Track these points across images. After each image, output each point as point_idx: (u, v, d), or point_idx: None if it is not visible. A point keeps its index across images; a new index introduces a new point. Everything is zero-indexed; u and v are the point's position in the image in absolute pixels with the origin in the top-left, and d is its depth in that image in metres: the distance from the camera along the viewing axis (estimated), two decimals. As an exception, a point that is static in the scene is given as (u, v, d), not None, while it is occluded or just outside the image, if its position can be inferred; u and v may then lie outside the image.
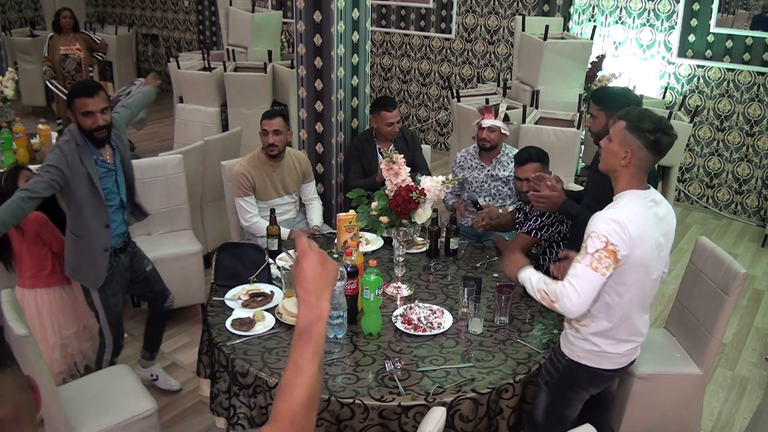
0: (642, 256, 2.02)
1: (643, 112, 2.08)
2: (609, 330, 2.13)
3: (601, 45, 6.14)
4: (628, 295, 2.08)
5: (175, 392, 3.31)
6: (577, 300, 2.00)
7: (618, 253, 1.98)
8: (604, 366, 2.19)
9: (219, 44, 8.00)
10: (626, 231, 1.97)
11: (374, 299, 2.35)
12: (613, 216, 2.00)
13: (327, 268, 1.18)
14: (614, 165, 2.08)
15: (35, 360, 2.20)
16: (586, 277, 2.00)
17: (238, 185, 3.41)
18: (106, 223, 2.74)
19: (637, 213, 2.03)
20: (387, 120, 3.70)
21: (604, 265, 1.99)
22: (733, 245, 5.35)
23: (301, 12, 3.79)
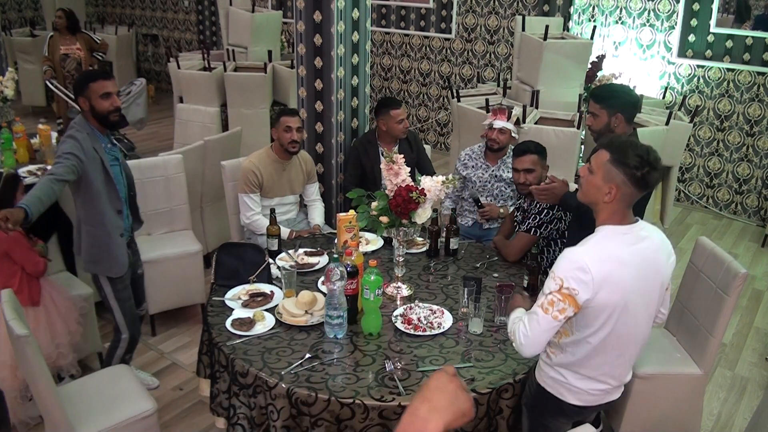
0: (610, 299, 1.87)
1: (628, 143, 1.91)
2: (573, 363, 2.03)
3: (601, 45, 6.14)
4: (600, 335, 1.94)
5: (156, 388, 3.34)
6: (526, 341, 1.95)
7: (576, 297, 1.85)
8: (569, 400, 2.08)
9: (219, 44, 8.00)
10: (588, 273, 1.83)
11: (374, 299, 2.35)
12: (576, 257, 1.86)
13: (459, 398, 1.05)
14: (596, 198, 1.93)
15: (35, 360, 2.20)
16: (537, 319, 1.92)
17: (245, 181, 3.41)
18: (118, 208, 2.79)
19: (609, 253, 1.88)
20: (397, 118, 3.71)
21: (556, 308, 1.87)
22: (733, 245, 5.35)
23: (301, 12, 3.79)
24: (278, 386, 2.11)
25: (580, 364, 2.02)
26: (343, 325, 2.38)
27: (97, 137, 2.72)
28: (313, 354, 2.28)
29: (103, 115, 2.69)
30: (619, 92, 2.74)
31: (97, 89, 2.66)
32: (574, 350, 2.01)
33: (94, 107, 2.68)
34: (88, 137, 2.67)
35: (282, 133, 3.40)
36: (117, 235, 2.80)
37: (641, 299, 1.95)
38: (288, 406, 2.10)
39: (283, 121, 3.40)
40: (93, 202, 2.72)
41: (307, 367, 2.21)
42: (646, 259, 1.93)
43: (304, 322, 2.45)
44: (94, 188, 2.69)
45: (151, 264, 3.62)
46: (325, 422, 2.07)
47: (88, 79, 2.68)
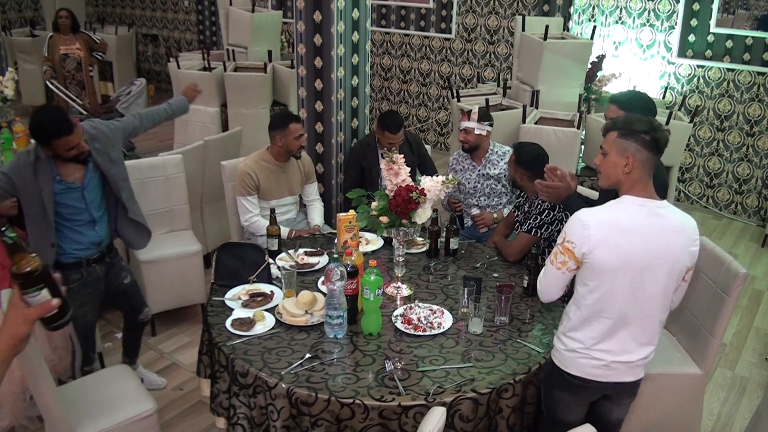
0: (605, 259, 1.97)
1: (631, 118, 2.07)
2: (573, 327, 2.11)
3: (601, 45, 6.14)
4: (593, 298, 2.04)
5: (164, 389, 3.34)
6: (540, 288, 2.20)
7: (575, 251, 2.00)
8: (571, 370, 2.14)
9: (219, 44, 8.00)
10: (587, 229, 1.98)
11: (374, 299, 2.35)
12: (582, 214, 2.02)
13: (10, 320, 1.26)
14: (617, 176, 2.03)
15: (35, 360, 2.20)
16: (546, 269, 2.16)
17: (242, 184, 3.41)
18: (51, 242, 2.69)
19: (615, 216, 1.99)
20: (389, 140, 3.70)
21: (559, 260, 2.07)
22: (733, 245, 5.35)
23: (301, 12, 3.79)
24: (278, 386, 2.11)
25: (579, 327, 2.11)
26: (343, 325, 2.38)
27: (48, 165, 2.61)
28: (313, 354, 2.28)
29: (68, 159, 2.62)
30: (641, 99, 2.77)
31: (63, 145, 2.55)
32: (575, 312, 2.12)
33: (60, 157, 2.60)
34: (33, 164, 2.58)
35: (292, 141, 3.38)
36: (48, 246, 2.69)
37: (643, 272, 2.00)
38: (288, 406, 2.10)
39: (294, 129, 3.37)
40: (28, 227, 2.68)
41: (307, 367, 2.21)
42: (657, 234, 1.99)
43: (304, 322, 2.45)
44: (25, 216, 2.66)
45: (151, 264, 3.62)
46: (325, 422, 2.07)
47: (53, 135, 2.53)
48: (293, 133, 3.37)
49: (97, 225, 2.82)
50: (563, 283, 2.13)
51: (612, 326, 2.07)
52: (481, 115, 3.59)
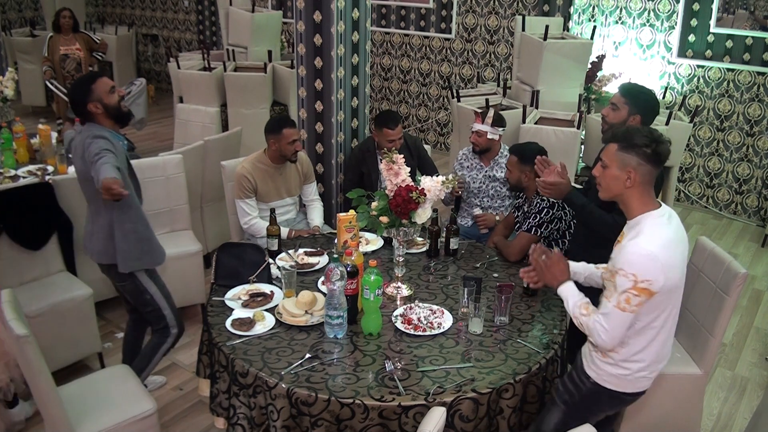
0: (675, 280, 1.99)
1: (631, 129, 2.06)
2: (639, 352, 2.09)
3: (601, 45, 6.15)
4: (663, 317, 2.05)
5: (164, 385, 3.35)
6: (607, 337, 2.03)
7: (652, 287, 1.94)
8: (628, 390, 2.15)
9: (219, 44, 8.00)
10: (657, 262, 1.92)
11: (374, 299, 2.35)
12: (642, 249, 1.93)
13: None
14: (618, 189, 2.02)
15: (35, 360, 2.20)
16: (614, 317, 2.00)
17: (239, 187, 3.41)
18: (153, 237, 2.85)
19: (664, 238, 1.97)
20: (389, 137, 3.68)
21: (633, 303, 1.96)
22: (733, 245, 5.35)
23: (301, 12, 3.79)
24: (278, 386, 2.11)
25: (645, 350, 2.09)
26: (343, 325, 2.38)
27: (115, 136, 2.70)
28: (313, 354, 2.28)
29: (116, 108, 2.67)
30: (648, 95, 2.77)
31: (102, 87, 2.63)
32: (638, 340, 2.07)
33: (107, 105, 2.64)
34: (111, 136, 2.65)
35: (286, 146, 3.38)
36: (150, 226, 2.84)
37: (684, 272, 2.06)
38: (288, 406, 2.10)
39: (287, 134, 3.36)
40: (129, 198, 2.66)
41: (307, 367, 2.21)
42: (682, 234, 2.06)
43: (304, 322, 2.45)
44: (128, 184, 2.67)
45: (151, 264, 3.62)
46: (325, 422, 2.07)
47: (89, 82, 2.64)
48: (287, 138, 3.37)
49: None
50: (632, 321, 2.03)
51: (670, 336, 2.12)
52: (496, 119, 3.58)
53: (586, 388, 2.19)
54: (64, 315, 3.22)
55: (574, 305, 2.13)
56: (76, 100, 2.65)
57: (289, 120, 3.48)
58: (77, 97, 2.65)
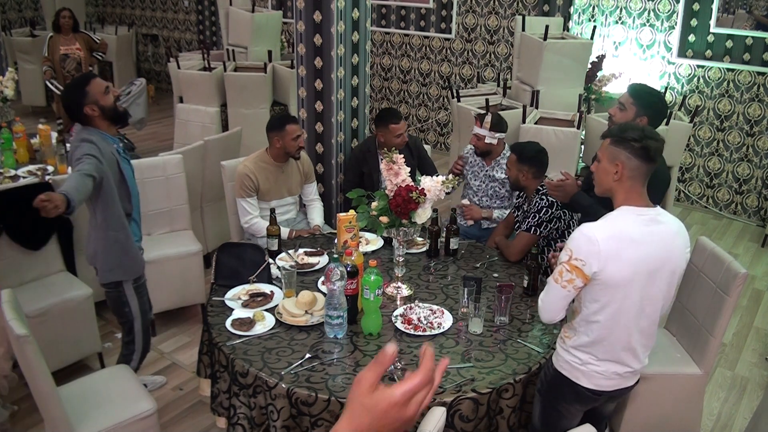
0: (618, 274, 1.95)
1: (626, 126, 2.06)
2: (588, 345, 2.08)
3: (601, 45, 6.14)
4: (606, 314, 2.01)
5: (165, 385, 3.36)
6: (541, 305, 2.11)
7: (584, 269, 1.95)
8: (583, 383, 2.13)
9: (219, 44, 8.00)
10: (595, 246, 1.92)
11: (374, 299, 2.35)
12: (587, 230, 1.97)
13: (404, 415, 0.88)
14: (608, 183, 2.03)
15: (35, 360, 2.20)
16: (550, 288, 2.07)
17: (241, 186, 3.41)
18: (128, 212, 2.74)
19: (621, 229, 1.96)
20: (396, 132, 3.69)
21: (564, 278, 2.00)
22: (733, 245, 5.35)
23: (301, 12, 3.79)
24: (278, 386, 2.11)
25: (594, 344, 2.08)
26: (343, 325, 2.38)
27: (107, 139, 2.66)
28: (313, 354, 2.28)
29: (112, 109, 2.64)
30: (657, 98, 2.76)
31: (96, 88, 2.61)
32: (587, 330, 2.07)
33: (103, 107, 2.62)
34: (101, 139, 2.61)
35: (290, 142, 3.39)
36: (132, 239, 2.76)
37: (651, 280, 2.00)
38: (288, 406, 2.10)
39: (291, 130, 3.38)
40: (112, 205, 2.65)
41: (307, 367, 2.21)
42: (660, 241, 2.00)
43: (304, 322, 2.45)
44: (110, 191, 2.63)
45: (151, 264, 3.60)
46: (325, 422, 2.07)
47: (83, 84, 2.60)
48: (290, 134, 3.37)
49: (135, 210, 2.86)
50: (567, 301, 2.07)
51: (625, 340, 2.07)
52: (494, 123, 3.57)
53: (549, 374, 2.21)
54: (64, 315, 3.22)
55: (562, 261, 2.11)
56: (72, 104, 2.62)
57: (291, 116, 3.50)
58: (72, 100, 2.62)
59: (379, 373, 0.89)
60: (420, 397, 0.89)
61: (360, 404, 0.88)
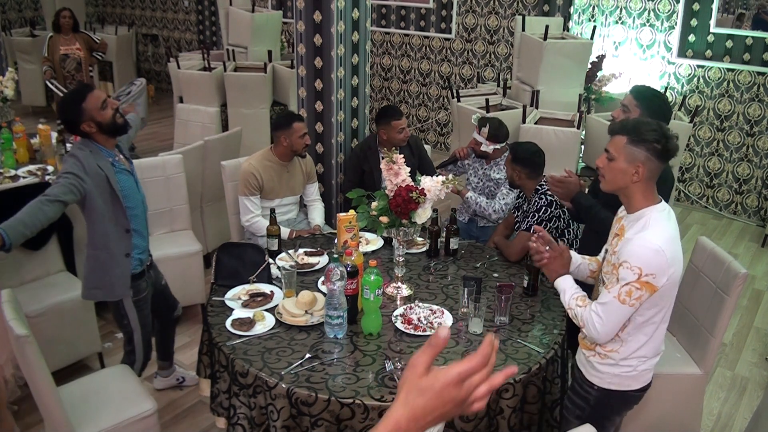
0: (677, 274, 1.98)
1: (641, 122, 2.02)
2: (641, 347, 2.08)
3: (601, 45, 6.14)
4: (663, 312, 2.05)
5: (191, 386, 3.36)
6: (602, 329, 2.02)
7: (655, 282, 1.92)
8: (634, 387, 2.14)
9: (219, 44, 8.00)
10: (664, 256, 1.91)
11: (374, 299, 2.35)
12: (649, 243, 1.91)
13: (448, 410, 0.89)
14: (624, 183, 1.99)
15: (35, 360, 2.20)
16: (613, 309, 1.98)
17: (245, 184, 3.41)
18: (126, 228, 2.66)
19: (668, 232, 1.97)
20: (398, 128, 3.71)
21: (634, 297, 1.94)
22: (733, 245, 5.35)
23: (301, 12, 3.79)
24: (278, 386, 2.11)
25: (645, 346, 2.08)
26: (343, 325, 2.38)
27: (101, 152, 2.60)
28: (313, 354, 2.28)
29: (110, 124, 2.58)
30: (660, 100, 2.73)
31: (93, 104, 2.53)
32: (638, 336, 2.06)
33: (100, 123, 2.56)
34: (90, 154, 2.56)
35: (297, 140, 3.39)
36: (122, 256, 2.67)
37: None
38: (288, 406, 2.10)
39: (297, 127, 3.38)
40: (96, 223, 2.61)
41: (307, 367, 2.21)
42: (678, 230, 2.05)
43: (304, 322, 2.45)
44: (97, 208, 2.57)
45: (151, 264, 3.62)
46: (325, 422, 2.07)
47: (78, 101, 2.52)
48: (297, 132, 3.38)
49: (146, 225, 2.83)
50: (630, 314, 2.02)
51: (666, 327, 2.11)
52: (492, 134, 3.54)
53: (593, 397, 2.17)
54: (64, 315, 3.22)
55: (571, 297, 2.13)
56: (69, 122, 2.57)
57: (296, 114, 3.52)
58: (69, 118, 2.56)
59: (433, 356, 0.89)
60: (475, 380, 0.88)
61: (415, 386, 0.89)
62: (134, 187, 2.74)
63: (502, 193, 3.53)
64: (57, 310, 3.19)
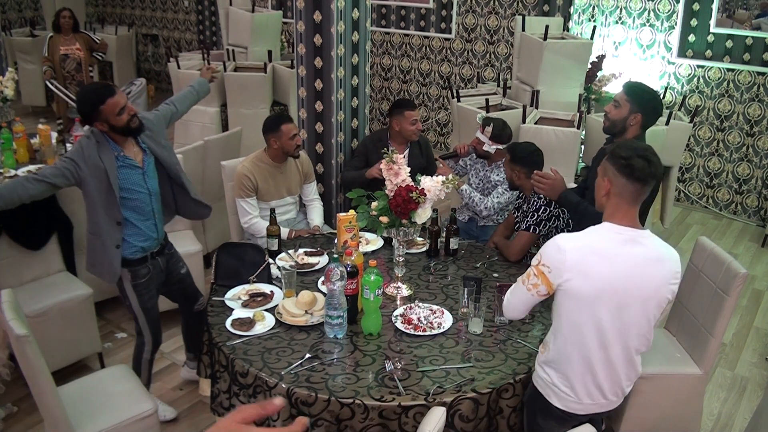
0: (581, 287, 1.91)
1: (626, 144, 2.04)
2: (555, 361, 2.06)
3: (601, 45, 6.14)
4: (566, 328, 1.99)
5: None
6: (506, 304, 2.16)
7: (549, 276, 1.95)
8: (554, 402, 2.09)
9: (219, 44, 8.00)
10: (563, 256, 1.92)
11: (374, 299, 2.35)
12: (559, 238, 1.98)
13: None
14: (599, 197, 2.03)
15: (35, 360, 2.20)
16: (516, 286, 2.11)
17: (240, 186, 3.41)
18: (117, 220, 2.69)
19: (591, 243, 1.93)
20: (411, 118, 3.76)
21: (531, 281, 2.01)
22: (733, 245, 5.35)
23: (301, 12, 3.79)
24: (278, 386, 2.11)
25: (561, 362, 2.05)
26: (343, 325, 2.38)
27: (107, 145, 2.63)
28: (313, 354, 2.28)
29: (124, 128, 2.63)
30: (651, 96, 2.75)
31: (111, 109, 2.56)
32: (554, 345, 2.06)
33: (113, 126, 2.60)
34: (96, 145, 2.60)
35: (287, 141, 3.39)
36: (112, 247, 2.70)
37: (622, 303, 1.93)
38: (288, 406, 2.10)
39: (286, 129, 3.38)
40: (90, 210, 2.69)
41: (307, 367, 2.21)
42: (632, 263, 1.93)
43: (304, 322, 2.45)
44: (91, 197, 2.64)
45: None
46: (325, 422, 2.07)
47: (98, 102, 2.55)
48: (286, 134, 3.38)
49: (156, 215, 2.84)
50: (530, 305, 2.09)
51: (592, 364, 2.00)
52: (495, 134, 3.55)
53: (529, 389, 2.21)
54: (64, 315, 3.22)
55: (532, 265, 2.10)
56: (84, 114, 2.63)
57: (284, 116, 3.52)
58: (85, 111, 2.62)
59: (260, 415, 1.00)
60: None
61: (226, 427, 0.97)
62: (140, 181, 2.74)
63: (497, 192, 3.54)
64: (57, 310, 3.19)
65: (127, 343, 3.71)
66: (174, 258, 3.04)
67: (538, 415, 2.16)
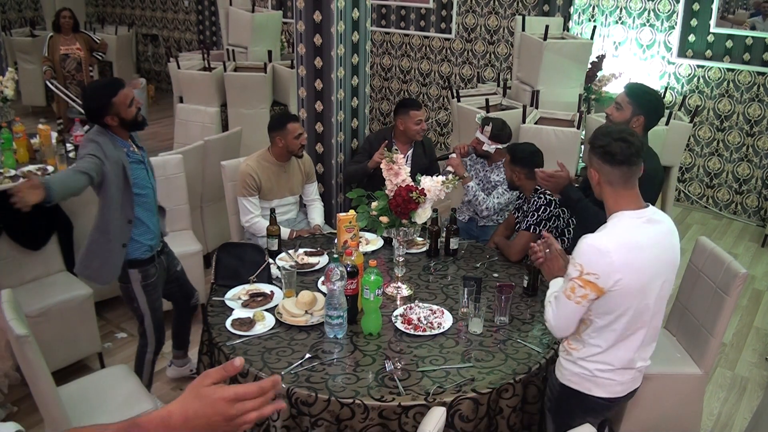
0: (633, 282, 1.92)
1: (601, 128, 2.05)
2: (601, 353, 2.05)
3: (601, 45, 6.14)
4: (623, 321, 1.98)
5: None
6: (554, 321, 2.05)
7: (599, 282, 1.90)
8: (596, 393, 2.09)
9: (219, 44, 8.00)
10: (608, 258, 1.89)
11: (374, 299, 2.35)
12: (595, 242, 1.92)
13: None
14: (595, 189, 2.05)
15: (35, 360, 2.20)
16: (561, 302, 2.01)
17: (243, 185, 3.41)
18: (129, 218, 2.70)
19: (625, 237, 1.93)
20: (416, 118, 3.77)
21: (578, 294, 1.94)
22: (733, 245, 5.35)
23: (301, 12, 3.79)
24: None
25: (607, 353, 2.04)
26: (343, 325, 2.38)
27: (117, 142, 2.65)
28: (313, 354, 2.29)
29: (132, 122, 2.65)
30: (653, 97, 2.74)
31: (122, 101, 2.59)
32: (599, 340, 2.03)
33: (123, 119, 2.62)
34: (109, 141, 2.61)
35: (292, 140, 3.39)
36: (119, 246, 2.71)
37: (659, 281, 1.99)
38: (288, 406, 2.10)
39: (292, 128, 3.38)
40: (104, 208, 2.67)
41: (307, 367, 2.21)
42: (661, 241, 2.00)
43: (304, 322, 2.45)
44: (109, 194, 2.62)
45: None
46: (325, 422, 2.07)
47: (109, 95, 2.57)
48: (292, 133, 3.38)
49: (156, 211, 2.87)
50: (581, 315, 2.01)
51: (639, 341, 2.05)
52: (495, 134, 3.55)
53: (556, 390, 2.18)
54: (64, 315, 3.22)
55: (551, 293, 2.11)
56: (94, 110, 2.62)
57: (291, 115, 3.51)
58: (95, 107, 2.61)
59: (223, 376, 1.04)
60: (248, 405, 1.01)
61: (197, 391, 1.01)
62: (145, 176, 2.78)
63: (498, 192, 3.54)
64: (57, 310, 3.19)
65: (127, 343, 3.70)
66: (170, 256, 3.07)
67: (574, 415, 2.13)
